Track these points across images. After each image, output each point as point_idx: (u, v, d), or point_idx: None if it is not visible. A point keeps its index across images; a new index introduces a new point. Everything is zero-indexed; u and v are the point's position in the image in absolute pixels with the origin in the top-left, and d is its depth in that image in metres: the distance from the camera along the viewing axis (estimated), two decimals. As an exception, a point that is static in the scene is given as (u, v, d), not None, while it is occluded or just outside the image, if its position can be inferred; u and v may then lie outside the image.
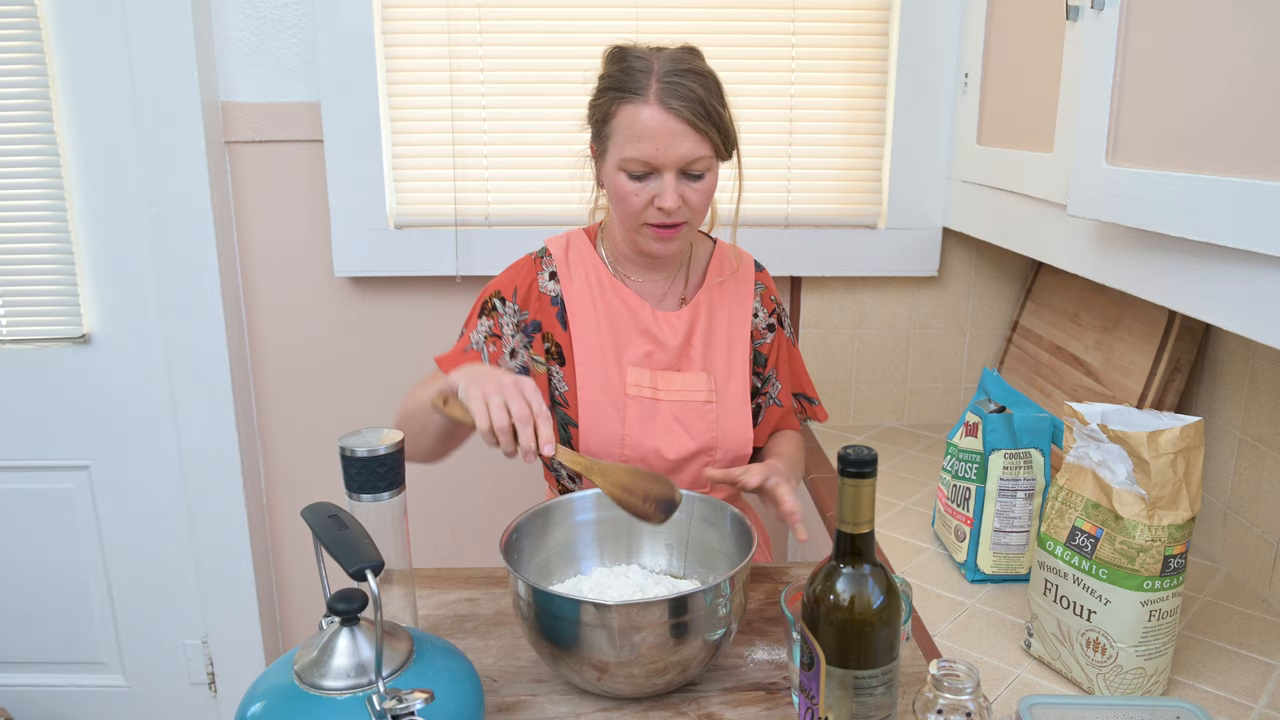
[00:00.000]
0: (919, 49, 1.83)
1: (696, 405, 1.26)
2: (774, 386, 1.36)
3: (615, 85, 1.15)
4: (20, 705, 2.14)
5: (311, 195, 1.92)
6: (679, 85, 1.11)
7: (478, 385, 1.00)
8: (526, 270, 1.30)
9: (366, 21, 1.80)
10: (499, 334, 1.27)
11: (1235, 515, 1.33)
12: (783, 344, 1.37)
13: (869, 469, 0.75)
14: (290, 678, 0.81)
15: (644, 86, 1.12)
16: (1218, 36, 0.94)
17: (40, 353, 1.96)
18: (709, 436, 1.27)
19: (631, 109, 1.13)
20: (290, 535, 2.12)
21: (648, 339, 1.27)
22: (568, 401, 1.27)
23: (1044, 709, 0.89)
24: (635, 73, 1.13)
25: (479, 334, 1.28)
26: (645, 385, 1.26)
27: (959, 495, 1.30)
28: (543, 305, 1.28)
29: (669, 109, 1.11)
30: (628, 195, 1.17)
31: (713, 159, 1.16)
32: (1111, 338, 1.54)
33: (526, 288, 1.29)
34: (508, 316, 1.28)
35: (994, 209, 1.62)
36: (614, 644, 0.90)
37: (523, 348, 1.28)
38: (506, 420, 0.97)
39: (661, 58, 1.14)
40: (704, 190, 1.17)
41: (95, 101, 1.84)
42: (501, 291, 1.29)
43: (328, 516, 0.85)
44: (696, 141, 1.13)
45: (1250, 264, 0.91)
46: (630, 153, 1.14)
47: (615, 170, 1.17)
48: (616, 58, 1.18)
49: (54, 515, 2.04)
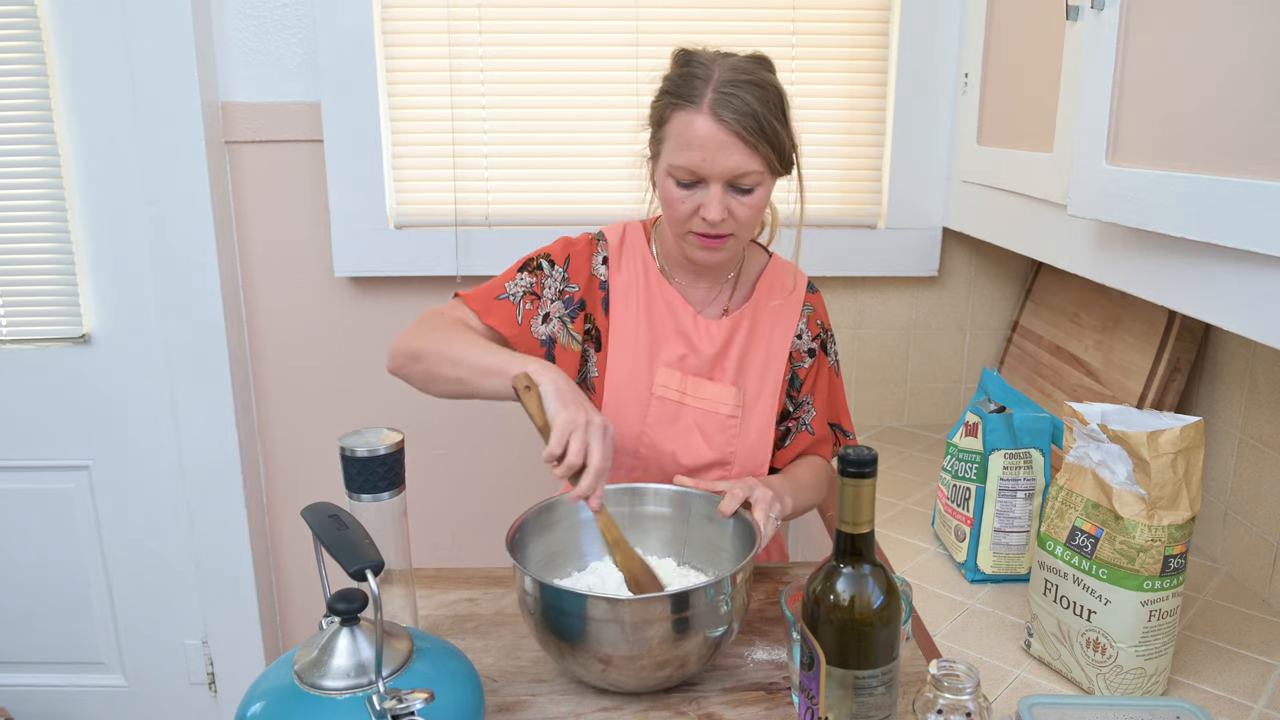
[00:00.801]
0: (919, 49, 1.83)
1: (721, 417, 1.25)
2: (808, 412, 1.32)
3: (673, 89, 1.13)
4: (20, 705, 2.14)
5: (311, 195, 1.92)
6: (734, 97, 1.09)
7: (567, 407, 1.00)
8: (583, 247, 1.28)
9: (366, 21, 1.80)
10: (538, 294, 1.24)
11: (1235, 515, 1.33)
12: (824, 371, 1.33)
13: (869, 469, 0.75)
14: (290, 678, 0.81)
15: (699, 94, 1.10)
16: (1218, 36, 0.94)
17: (40, 353, 1.96)
18: (728, 450, 1.26)
19: (685, 116, 1.11)
20: (290, 535, 2.12)
21: (684, 342, 1.26)
22: (594, 388, 1.26)
23: (1044, 709, 0.89)
24: (694, 79, 1.11)
25: (517, 287, 1.24)
26: (673, 388, 1.25)
27: (959, 495, 1.30)
28: (592, 286, 1.27)
29: (720, 120, 1.08)
30: (674, 201, 1.16)
31: (764, 174, 1.13)
32: (1111, 338, 1.54)
33: (580, 263, 1.27)
34: (553, 280, 1.25)
35: (994, 209, 1.62)
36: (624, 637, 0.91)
37: (559, 318, 1.25)
38: (581, 461, 0.98)
39: (724, 66, 1.12)
40: (752, 205, 1.14)
41: (95, 101, 1.84)
42: (552, 256, 1.27)
43: (328, 516, 0.85)
44: (746, 155, 1.10)
45: (1250, 264, 0.91)
46: (679, 160, 1.12)
47: (665, 175, 1.16)
48: (681, 61, 1.16)
49: (54, 515, 2.04)
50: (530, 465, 2.06)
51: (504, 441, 2.05)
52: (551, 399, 1.01)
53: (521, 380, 1.03)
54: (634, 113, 1.87)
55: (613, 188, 1.92)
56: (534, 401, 1.02)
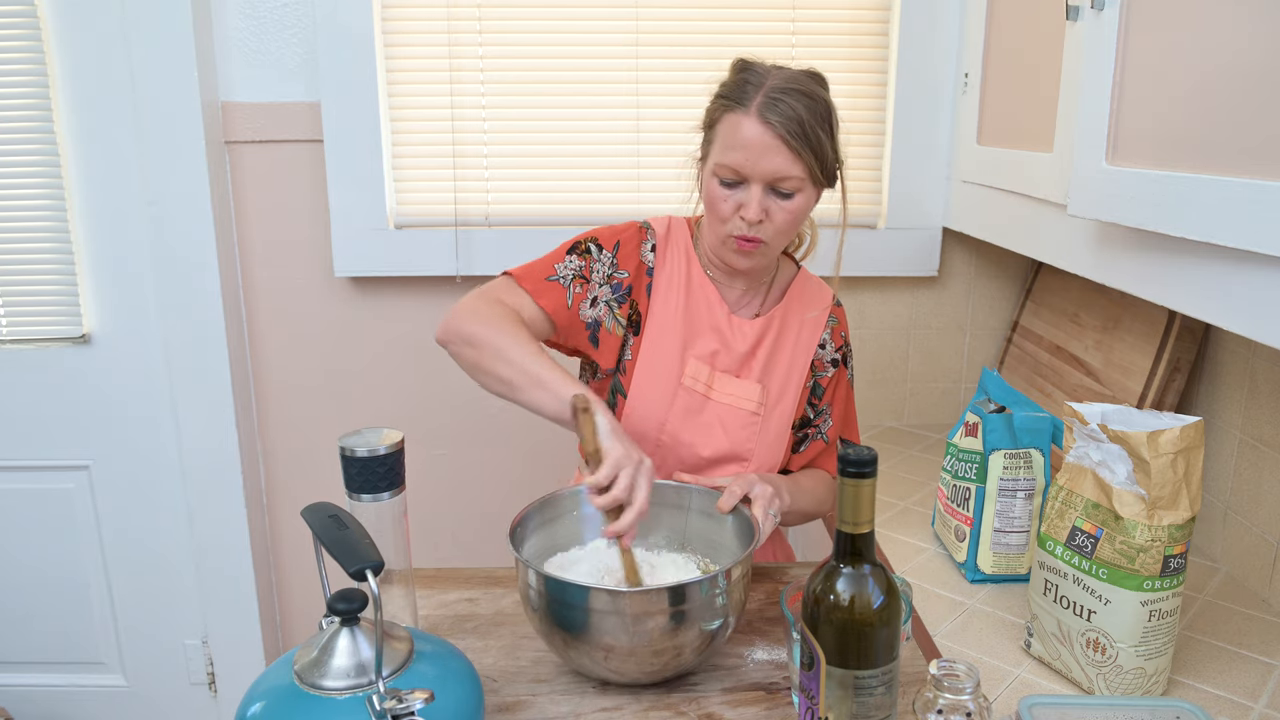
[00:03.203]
0: (919, 49, 1.83)
1: (744, 414, 1.27)
2: (825, 422, 1.35)
3: (726, 93, 1.17)
4: (20, 705, 2.14)
5: (311, 195, 1.92)
6: (781, 102, 1.12)
7: (622, 442, 1.04)
8: (632, 235, 1.29)
9: (366, 21, 1.80)
10: (587, 277, 1.26)
11: (1235, 515, 1.33)
12: (842, 383, 1.36)
13: (869, 469, 0.75)
14: (290, 678, 0.81)
15: (749, 98, 1.14)
16: (1218, 36, 0.94)
17: (40, 353, 1.96)
18: (746, 447, 1.27)
19: (734, 117, 1.15)
20: (290, 535, 2.12)
21: (717, 338, 1.28)
22: (626, 370, 1.27)
23: (1044, 709, 0.89)
24: (747, 85, 1.15)
25: (567, 269, 1.25)
26: (701, 381, 1.26)
27: (959, 495, 1.30)
28: (640, 272, 1.28)
29: (766, 123, 1.12)
30: (716, 200, 1.18)
31: (805, 180, 1.16)
32: (1111, 338, 1.54)
33: (630, 250, 1.28)
34: (601, 265, 1.26)
35: (994, 209, 1.62)
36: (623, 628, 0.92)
37: (606, 303, 1.26)
38: (625, 498, 1.02)
39: (777, 75, 1.15)
40: (791, 210, 1.17)
41: (95, 101, 1.84)
42: (600, 240, 1.28)
43: (328, 516, 0.85)
44: (788, 159, 1.13)
45: (1250, 264, 0.91)
46: (724, 159, 1.15)
47: (710, 174, 1.19)
48: (738, 68, 1.19)
49: (54, 515, 2.04)
50: (530, 465, 2.06)
51: (504, 442, 2.05)
52: (606, 432, 1.04)
53: (581, 402, 1.05)
54: (634, 113, 1.89)
55: (613, 188, 1.92)
56: (589, 425, 1.04)
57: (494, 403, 2.03)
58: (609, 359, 1.28)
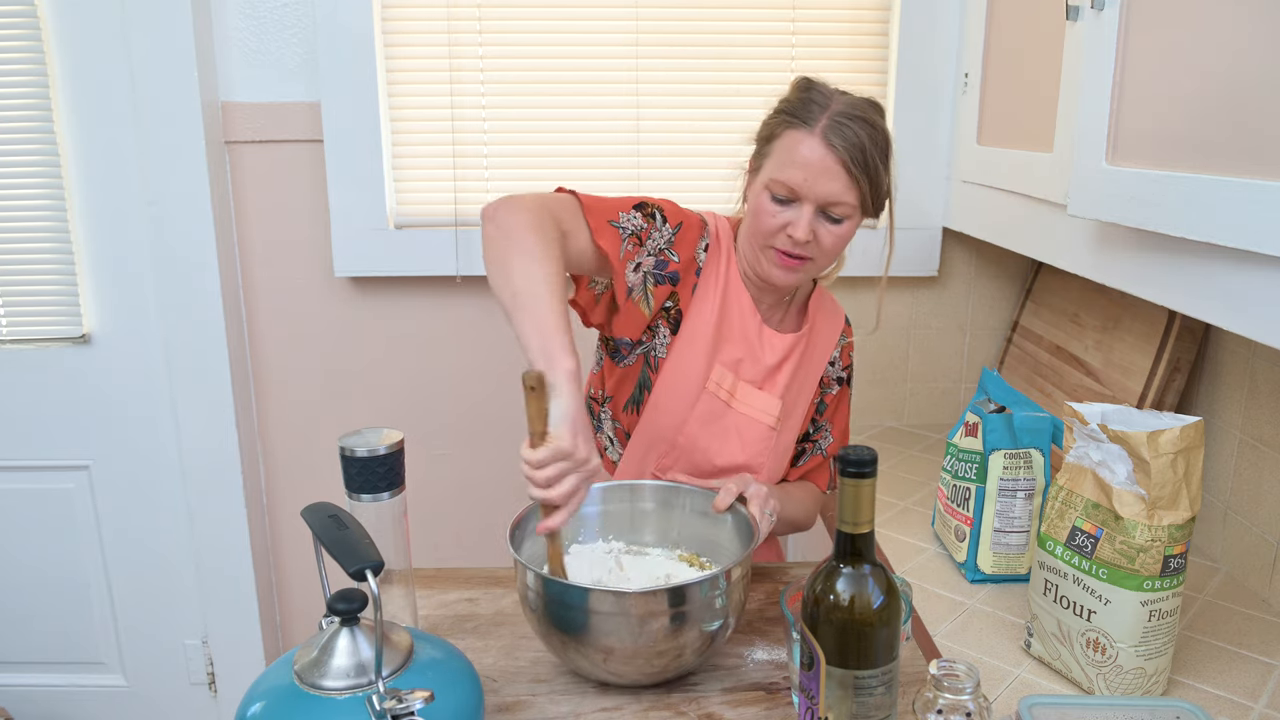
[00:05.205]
0: (919, 49, 1.83)
1: (762, 426, 1.27)
2: (826, 438, 1.37)
3: (789, 110, 1.17)
4: (20, 705, 2.14)
5: (311, 195, 1.92)
6: (847, 127, 1.12)
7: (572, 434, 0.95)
8: (695, 223, 1.26)
9: (366, 21, 1.80)
10: (642, 240, 1.21)
11: (1235, 515, 1.33)
12: (844, 401, 1.38)
13: (869, 469, 0.75)
14: (290, 678, 0.81)
15: (814, 118, 1.13)
16: (1218, 36, 0.94)
17: (40, 353, 1.96)
18: (759, 460, 1.27)
19: (795, 135, 1.14)
20: (290, 535, 2.11)
21: (744, 346, 1.27)
22: (658, 368, 1.25)
23: (1044, 709, 0.89)
24: (812, 104, 1.15)
25: (629, 223, 1.19)
26: (724, 388, 1.25)
27: (959, 495, 1.30)
28: (690, 268, 1.25)
29: (829, 145, 1.12)
30: (764, 215, 1.18)
31: (855, 208, 1.16)
32: (1111, 338, 1.54)
33: (689, 238, 1.24)
34: (659, 236, 1.22)
35: (994, 209, 1.62)
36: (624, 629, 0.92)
37: (646, 273, 1.21)
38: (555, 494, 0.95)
39: (842, 100, 1.15)
40: (838, 234, 1.17)
41: (95, 101, 1.84)
42: (666, 212, 1.24)
43: (328, 516, 0.85)
44: (845, 185, 1.13)
45: (1250, 264, 0.91)
46: (780, 175, 1.15)
47: (762, 188, 1.18)
48: (802, 87, 1.19)
49: (54, 515, 2.04)
50: (530, 465, 2.06)
51: (505, 442, 2.05)
52: (561, 418, 0.96)
53: (531, 379, 0.97)
54: (634, 113, 1.89)
55: (613, 188, 1.92)
56: (534, 405, 0.97)
57: (494, 403, 2.04)
58: (625, 330, 1.23)
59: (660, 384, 1.25)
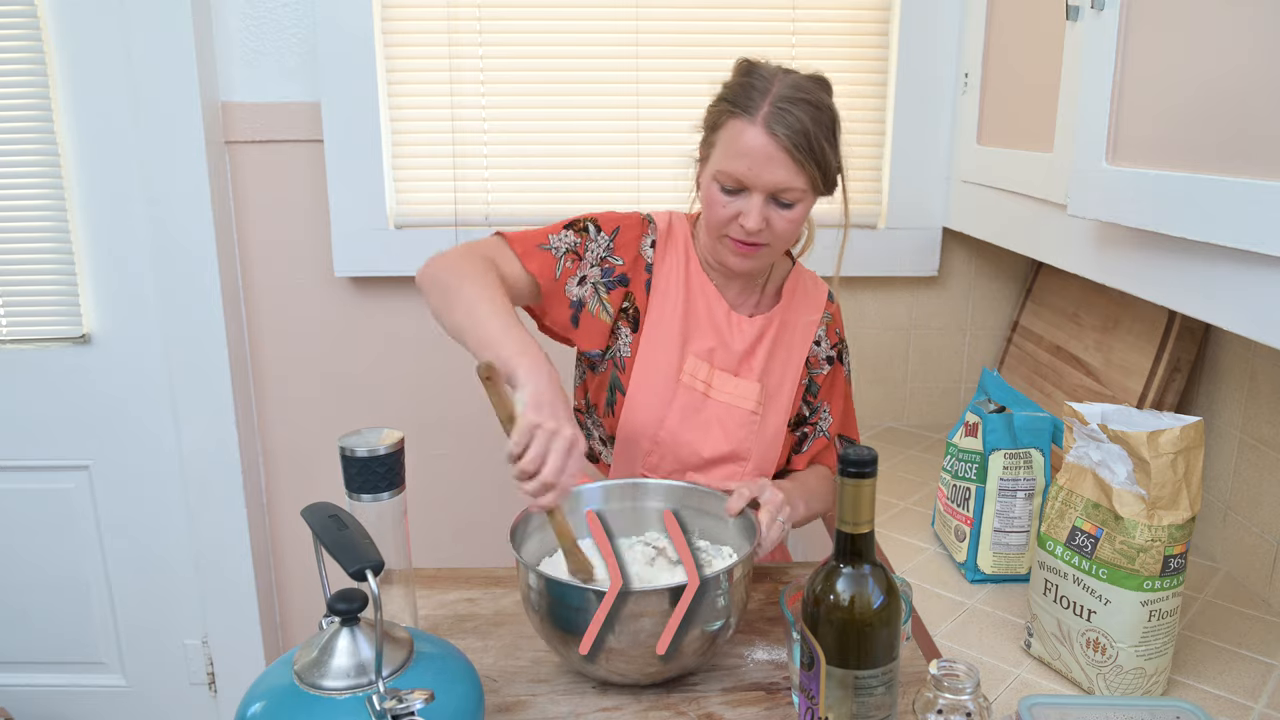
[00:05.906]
0: (919, 49, 1.83)
1: (743, 413, 1.26)
2: (824, 419, 1.35)
3: (730, 97, 1.15)
4: (20, 705, 2.14)
5: (311, 195, 1.92)
6: (788, 113, 1.10)
7: (539, 411, 0.96)
8: (634, 224, 1.28)
9: (366, 21, 1.80)
10: (580, 254, 1.24)
11: (1235, 515, 1.33)
12: (839, 380, 1.36)
13: (869, 469, 0.75)
14: (290, 678, 0.81)
15: (755, 106, 1.12)
16: (1217, 36, 0.94)
17: (40, 353, 1.96)
18: (745, 446, 1.27)
19: (738, 124, 1.13)
20: (290, 535, 2.12)
21: (715, 336, 1.27)
22: (625, 367, 1.26)
23: (1044, 709, 0.89)
24: (752, 90, 1.13)
25: (561, 242, 1.24)
26: (700, 379, 1.25)
27: (959, 495, 1.30)
28: (638, 266, 1.27)
29: (772, 134, 1.10)
30: (716, 205, 1.17)
31: (806, 191, 1.15)
32: (1111, 338, 1.54)
33: (629, 240, 1.27)
34: (596, 246, 1.25)
35: (994, 209, 1.62)
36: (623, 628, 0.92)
37: (594, 284, 1.25)
38: (535, 470, 0.95)
39: (783, 82, 1.13)
40: (791, 219, 1.17)
41: (95, 101, 1.84)
42: (599, 222, 1.27)
43: (328, 516, 0.85)
44: (792, 171, 1.12)
45: (1250, 264, 0.91)
46: (726, 167, 1.14)
47: (710, 179, 1.18)
48: (743, 70, 1.17)
49: (54, 515, 2.04)
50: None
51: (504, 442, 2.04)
52: (522, 403, 0.97)
53: (483, 370, 0.98)
54: (634, 113, 1.89)
55: (613, 188, 1.92)
56: (493, 394, 0.98)
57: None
58: (591, 343, 1.26)
59: (631, 383, 1.25)
